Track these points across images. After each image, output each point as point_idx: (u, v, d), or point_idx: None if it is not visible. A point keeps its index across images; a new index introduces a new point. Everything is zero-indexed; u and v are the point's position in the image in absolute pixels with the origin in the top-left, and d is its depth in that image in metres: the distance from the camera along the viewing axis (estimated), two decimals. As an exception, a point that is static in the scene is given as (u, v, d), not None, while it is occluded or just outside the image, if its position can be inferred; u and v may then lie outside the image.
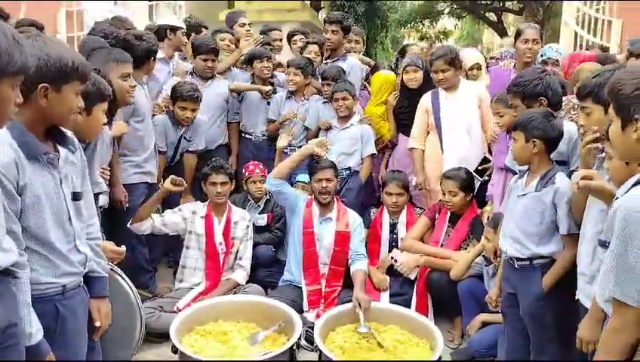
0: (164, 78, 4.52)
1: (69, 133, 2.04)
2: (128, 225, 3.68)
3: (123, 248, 2.55)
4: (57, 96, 1.85)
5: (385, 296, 3.79)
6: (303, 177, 4.35)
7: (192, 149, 4.38)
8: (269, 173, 4.29)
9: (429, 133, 4.30)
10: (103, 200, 2.99)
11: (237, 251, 3.84)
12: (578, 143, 2.79)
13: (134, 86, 3.38)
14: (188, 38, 5.03)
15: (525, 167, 2.81)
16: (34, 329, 1.78)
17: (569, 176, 2.71)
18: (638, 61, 3.68)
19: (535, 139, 2.65)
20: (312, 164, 4.07)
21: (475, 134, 4.14)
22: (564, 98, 3.17)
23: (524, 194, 2.71)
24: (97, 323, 2.17)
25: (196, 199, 4.14)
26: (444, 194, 3.83)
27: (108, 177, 3.07)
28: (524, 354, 2.82)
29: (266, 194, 4.34)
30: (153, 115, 4.12)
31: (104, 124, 2.71)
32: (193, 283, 3.75)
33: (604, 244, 1.82)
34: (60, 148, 1.97)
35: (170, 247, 4.45)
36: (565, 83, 3.33)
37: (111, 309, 2.25)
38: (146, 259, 4.13)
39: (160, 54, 4.56)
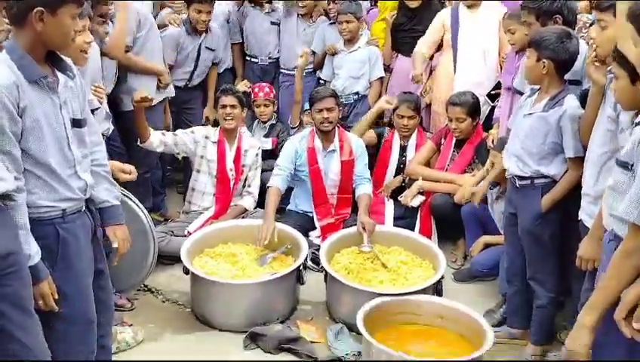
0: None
1: (68, 60, 2.02)
2: (138, 143, 3.66)
3: (130, 167, 2.54)
4: (53, 20, 1.83)
5: (389, 219, 3.85)
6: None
7: (217, 61, 4.32)
8: (274, 96, 4.29)
9: (440, 49, 4.17)
10: (105, 127, 2.97)
11: (245, 178, 3.89)
12: None
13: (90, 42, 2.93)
14: None
15: (536, 87, 2.77)
16: (33, 251, 1.85)
17: (581, 96, 2.67)
18: None
19: (545, 60, 2.59)
20: (312, 93, 3.94)
21: (491, 58, 4.02)
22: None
23: (531, 114, 2.69)
24: (115, 245, 2.24)
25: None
26: (450, 121, 3.80)
27: (102, 95, 3.03)
28: (522, 274, 2.90)
29: (272, 118, 4.32)
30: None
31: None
32: (203, 207, 3.83)
33: (624, 165, 1.82)
34: (58, 73, 1.97)
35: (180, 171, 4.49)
36: None
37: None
38: (159, 181, 4.21)
39: None
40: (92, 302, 2.11)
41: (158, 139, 3.66)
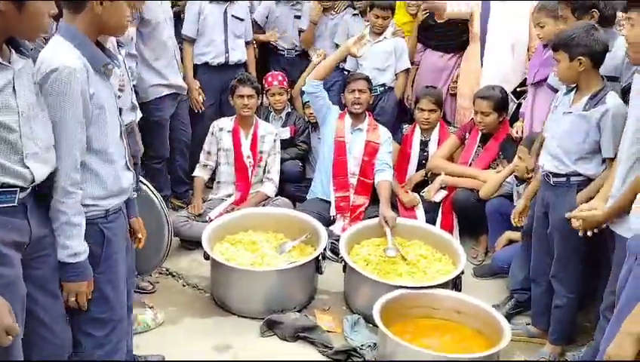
0: None
1: (111, 48, 2.06)
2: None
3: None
4: (112, 4, 1.84)
5: (420, 214, 3.82)
6: None
7: (248, 40, 4.30)
8: (290, 85, 4.29)
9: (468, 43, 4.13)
10: (130, 118, 2.99)
11: (265, 165, 3.91)
12: None
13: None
14: None
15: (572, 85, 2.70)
16: (80, 249, 1.83)
17: (621, 92, 2.62)
18: None
19: (580, 57, 2.52)
20: (348, 75, 4.05)
21: (520, 51, 3.94)
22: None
23: (570, 112, 2.62)
24: (140, 235, 2.29)
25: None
26: (476, 114, 3.75)
27: (122, 86, 3.05)
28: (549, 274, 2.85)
29: (287, 107, 4.32)
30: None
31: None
32: (224, 195, 3.87)
33: None
34: None
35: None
36: None
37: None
38: (184, 170, 4.24)
39: None
40: (125, 301, 2.11)
41: (205, 173, 3.92)
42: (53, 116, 1.77)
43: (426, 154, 4.07)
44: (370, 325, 2.93)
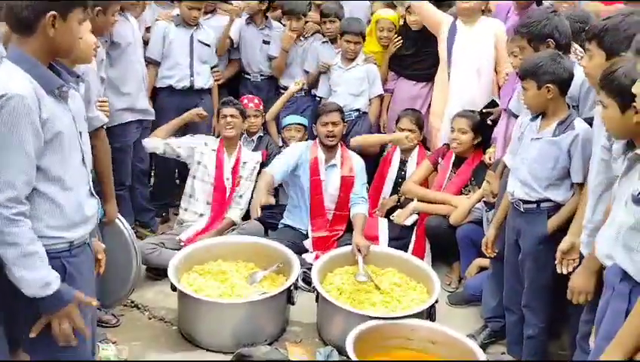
0: None
1: (68, 70, 1.96)
2: (143, 142, 3.81)
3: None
4: (64, 25, 1.77)
5: (384, 239, 3.79)
6: (293, 118, 4.28)
7: (214, 65, 4.33)
8: (264, 108, 4.29)
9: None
10: None
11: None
12: (592, 89, 2.68)
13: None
14: None
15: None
16: (51, 278, 1.73)
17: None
18: None
19: (548, 85, 2.55)
20: (319, 106, 4.00)
21: (485, 75, 3.98)
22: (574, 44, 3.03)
23: (539, 138, 2.63)
24: (99, 256, 2.17)
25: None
26: (452, 132, 3.76)
27: (107, 109, 2.98)
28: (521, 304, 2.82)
29: (259, 131, 4.29)
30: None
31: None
32: (195, 212, 3.80)
33: (638, 201, 1.76)
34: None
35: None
36: (586, 18, 3.15)
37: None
38: (146, 198, 4.14)
39: None
40: (91, 340, 2.01)
41: (161, 142, 3.80)
42: None
43: (403, 173, 4.07)
44: (344, 357, 2.84)
